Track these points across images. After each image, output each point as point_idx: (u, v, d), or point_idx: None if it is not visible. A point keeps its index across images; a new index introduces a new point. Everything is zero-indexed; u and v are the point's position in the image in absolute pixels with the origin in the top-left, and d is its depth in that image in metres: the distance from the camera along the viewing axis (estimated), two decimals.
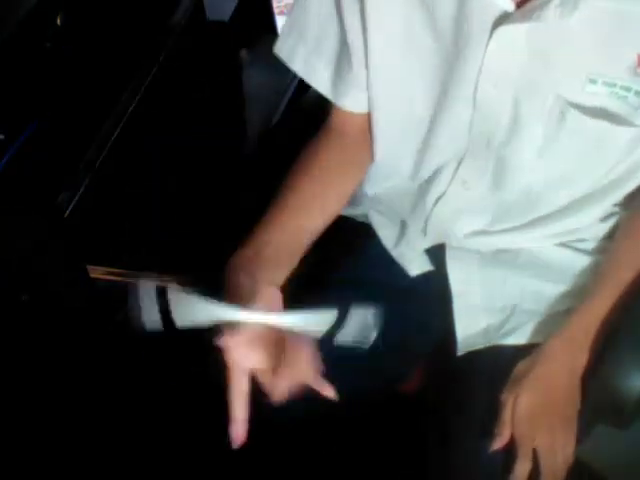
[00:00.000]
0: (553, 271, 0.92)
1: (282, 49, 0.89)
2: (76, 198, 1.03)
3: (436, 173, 0.89)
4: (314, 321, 0.72)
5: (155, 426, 1.16)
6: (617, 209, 0.90)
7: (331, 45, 0.85)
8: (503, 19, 0.71)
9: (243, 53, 1.40)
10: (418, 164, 0.90)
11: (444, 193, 0.89)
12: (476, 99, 0.78)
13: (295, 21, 0.87)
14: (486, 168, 0.84)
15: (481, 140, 0.81)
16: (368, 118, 0.89)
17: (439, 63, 0.78)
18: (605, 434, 0.90)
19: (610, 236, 0.91)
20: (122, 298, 1.16)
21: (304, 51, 0.87)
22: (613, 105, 0.73)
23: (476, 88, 0.77)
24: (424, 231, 0.95)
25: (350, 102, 0.88)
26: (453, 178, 0.87)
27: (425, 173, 0.90)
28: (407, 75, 0.82)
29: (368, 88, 0.85)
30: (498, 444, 0.82)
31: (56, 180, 1.01)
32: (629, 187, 0.85)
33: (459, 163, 0.85)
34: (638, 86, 0.71)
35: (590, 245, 0.92)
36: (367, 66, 0.83)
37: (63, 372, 1.16)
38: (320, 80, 0.88)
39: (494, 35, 0.72)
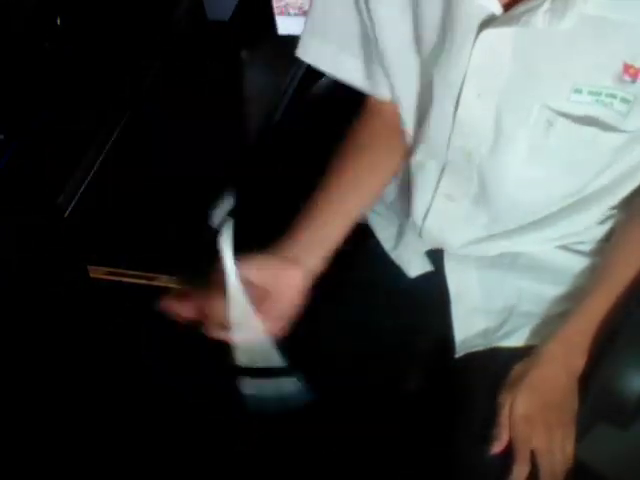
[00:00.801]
0: (552, 273, 0.92)
1: (307, 52, 0.90)
2: (76, 198, 1.03)
3: (416, 187, 0.89)
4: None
5: (155, 426, 1.16)
6: (614, 212, 0.90)
7: (356, 39, 0.86)
8: (490, 22, 0.70)
9: (243, 53, 1.40)
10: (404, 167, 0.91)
11: (430, 207, 0.89)
12: (458, 112, 0.77)
13: (316, 22, 0.88)
14: (469, 181, 0.84)
15: (461, 155, 0.81)
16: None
17: (422, 71, 0.79)
18: (605, 434, 0.90)
19: (609, 238, 0.91)
20: (122, 298, 1.16)
21: (330, 51, 0.88)
22: (599, 112, 0.73)
23: (458, 102, 0.76)
24: (421, 237, 0.95)
25: (385, 90, 0.88)
26: (435, 192, 0.87)
27: (409, 180, 0.90)
28: (396, 80, 0.82)
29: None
30: (497, 448, 0.82)
31: (56, 180, 1.01)
32: (623, 193, 0.85)
33: (440, 177, 0.85)
34: (624, 93, 0.71)
35: (588, 247, 0.92)
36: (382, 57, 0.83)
37: (63, 372, 1.16)
38: (352, 75, 0.89)
39: (479, 38, 0.71)
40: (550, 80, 0.72)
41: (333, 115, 0.99)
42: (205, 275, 0.81)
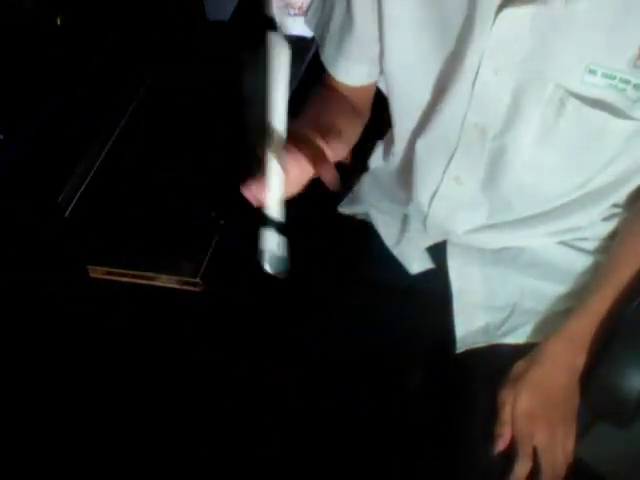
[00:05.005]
0: (554, 270, 0.92)
1: (309, 19, 0.94)
2: (76, 198, 1.03)
3: (425, 169, 0.89)
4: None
5: (155, 425, 1.16)
6: (619, 210, 0.90)
7: (337, 21, 0.89)
8: (509, 2, 0.72)
9: (243, 53, 1.40)
10: (406, 153, 0.92)
11: (437, 190, 0.89)
12: (475, 87, 0.78)
13: None
14: (479, 162, 0.84)
15: (475, 133, 0.82)
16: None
17: (444, 51, 0.79)
18: (605, 434, 0.90)
19: (612, 236, 0.91)
20: (122, 298, 1.16)
21: (321, 24, 0.92)
22: (611, 97, 0.74)
23: (476, 76, 0.77)
24: (424, 229, 0.95)
25: (342, 74, 0.92)
26: (444, 174, 0.88)
27: (413, 165, 0.91)
28: (414, 60, 0.83)
29: (383, 64, 0.87)
30: (501, 445, 0.82)
31: (56, 180, 1.01)
32: (628, 188, 0.85)
33: (450, 159, 0.86)
34: (637, 79, 0.72)
35: (592, 245, 0.92)
36: (382, 46, 0.85)
37: (63, 371, 1.16)
38: (327, 54, 0.92)
39: (499, 17, 0.72)
40: (565, 59, 0.73)
41: None
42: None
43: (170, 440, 1.14)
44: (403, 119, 0.90)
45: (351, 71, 0.92)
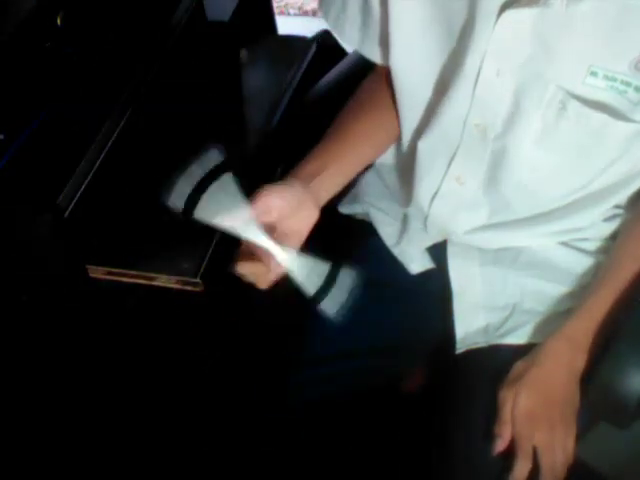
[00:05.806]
0: (554, 271, 0.92)
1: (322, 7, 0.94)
2: (76, 198, 1.03)
3: (426, 168, 0.89)
4: (308, 269, 0.74)
5: (155, 426, 1.16)
6: (620, 211, 0.90)
7: (355, 5, 0.89)
8: (511, 4, 0.72)
9: (243, 53, 1.40)
10: (409, 152, 0.92)
11: (439, 190, 0.90)
12: (476, 88, 0.79)
13: None
14: (481, 162, 0.85)
15: (476, 134, 0.82)
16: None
17: (446, 51, 0.80)
18: (605, 434, 0.90)
19: (613, 237, 0.91)
20: (122, 298, 1.16)
21: (336, 7, 0.91)
22: (612, 99, 0.74)
23: (478, 77, 0.77)
24: (425, 229, 0.95)
25: (377, 57, 0.92)
26: (446, 174, 0.88)
27: (415, 164, 0.91)
28: (417, 60, 0.83)
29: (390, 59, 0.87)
30: (501, 446, 0.82)
31: (56, 180, 1.01)
32: (629, 190, 0.86)
33: (451, 159, 0.86)
34: (638, 81, 0.72)
35: (592, 245, 0.92)
36: (388, 45, 0.85)
37: (63, 372, 1.16)
38: (349, 37, 0.92)
39: (500, 19, 0.73)
40: (567, 61, 0.73)
41: (333, 115, 0.99)
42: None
43: (170, 440, 1.14)
44: (406, 118, 0.90)
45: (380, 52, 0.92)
